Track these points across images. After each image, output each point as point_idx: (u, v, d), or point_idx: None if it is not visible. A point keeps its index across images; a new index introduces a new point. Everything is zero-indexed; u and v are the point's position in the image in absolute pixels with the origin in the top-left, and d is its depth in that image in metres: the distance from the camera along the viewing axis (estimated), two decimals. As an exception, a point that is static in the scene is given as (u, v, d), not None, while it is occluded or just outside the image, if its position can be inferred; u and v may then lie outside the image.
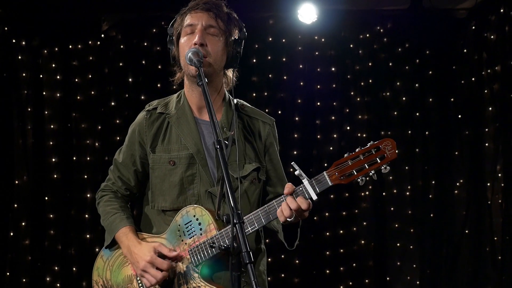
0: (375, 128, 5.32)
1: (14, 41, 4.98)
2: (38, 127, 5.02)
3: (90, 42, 5.11)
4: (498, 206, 5.11)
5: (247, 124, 2.49)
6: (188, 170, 2.39)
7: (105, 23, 5.11)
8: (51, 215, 5.00)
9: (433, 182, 5.33)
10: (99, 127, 5.09)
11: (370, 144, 2.21)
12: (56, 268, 4.98)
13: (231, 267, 1.87)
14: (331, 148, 5.35)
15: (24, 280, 4.93)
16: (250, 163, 2.43)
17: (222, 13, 2.40)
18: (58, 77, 5.07)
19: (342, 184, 2.21)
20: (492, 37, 5.16)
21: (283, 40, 5.28)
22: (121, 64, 5.13)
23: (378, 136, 5.17)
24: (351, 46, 5.35)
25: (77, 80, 5.09)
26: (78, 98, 5.08)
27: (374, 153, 2.20)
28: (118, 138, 4.90)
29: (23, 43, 5.02)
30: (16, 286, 4.90)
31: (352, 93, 5.40)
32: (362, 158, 2.20)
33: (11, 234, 4.91)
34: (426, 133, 5.35)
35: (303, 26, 5.06)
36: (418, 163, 5.35)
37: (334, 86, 5.35)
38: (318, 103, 5.36)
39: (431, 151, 5.35)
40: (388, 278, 5.34)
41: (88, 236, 4.97)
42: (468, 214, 5.24)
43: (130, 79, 5.13)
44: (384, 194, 5.36)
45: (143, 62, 5.13)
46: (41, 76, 5.04)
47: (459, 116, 5.32)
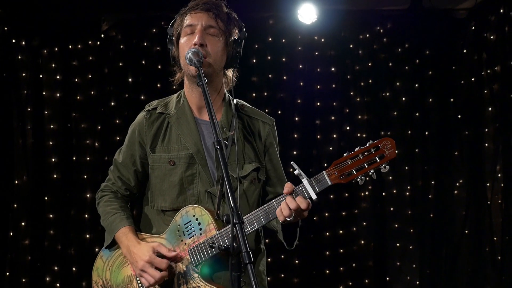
0: (375, 128, 5.32)
1: (14, 41, 4.98)
2: (38, 127, 5.02)
3: (90, 42, 5.11)
4: (498, 206, 5.11)
5: (247, 124, 2.48)
6: (188, 170, 2.39)
7: (105, 23, 5.11)
8: (51, 215, 5.00)
9: (433, 182, 5.33)
10: (99, 127, 5.09)
11: (369, 143, 2.21)
12: (55, 268, 4.98)
13: (231, 267, 1.88)
14: (331, 148, 5.35)
15: (24, 280, 4.92)
16: (250, 163, 2.43)
17: (222, 13, 2.40)
18: (58, 77, 5.07)
19: (341, 183, 2.21)
20: (492, 37, 5.16)
21: (283, 40, 5.28)
22: (121, 64, 5.13)
23: (378, 136, 5.11)
24: (351, 46, 5.35)
25: (77, 80, 5.10)
26: (78, 98, 5.09)
27: (373, 152, 2.20)
28: (118, 138, 4.90)
29: (23, 43, 5.02)
30: (16, 286, 4.90)
31: (352, 93, 5.40)
32: (361, 158, 2.20)
33: (11, 234, 4.91)
34: (426, 133, 5.35)
35: (303, 26, 5.06)
36: (418, 163, 5.35)
37: (334, 86, 5.35)
38: (318, 103, 5.36)
39: (431, 151, 5.34)
40: (388, 278, 5.34)
41: (88, 236, 4.97)
42: (467, 214, 5.24)
43: (130, 79, 5.13)
44: (383, 194, 5.36)
45: (143, 62, 5.13)
46: (41, 76, 5.04)
47: (459, 116, 5.32)
